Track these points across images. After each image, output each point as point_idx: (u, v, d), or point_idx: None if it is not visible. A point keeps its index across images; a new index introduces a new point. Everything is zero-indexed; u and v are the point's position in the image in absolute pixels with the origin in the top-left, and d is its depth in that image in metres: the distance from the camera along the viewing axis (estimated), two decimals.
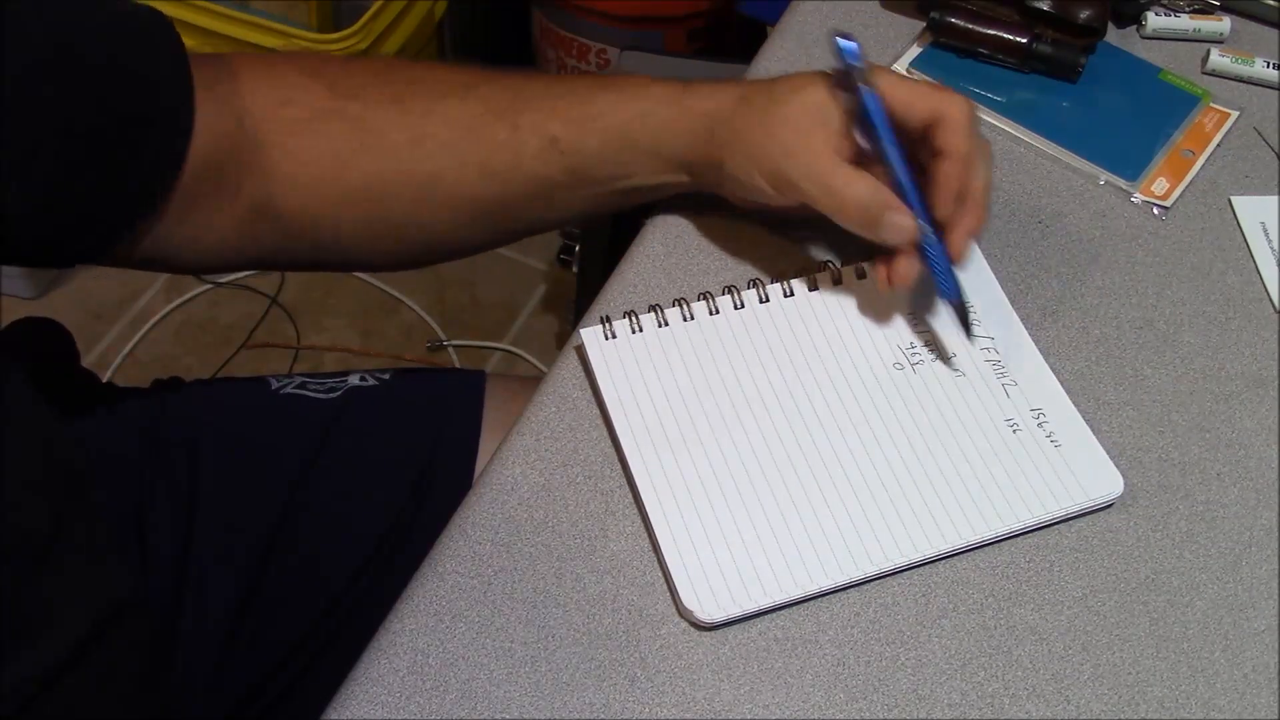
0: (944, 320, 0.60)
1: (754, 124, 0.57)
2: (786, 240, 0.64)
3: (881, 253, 0.59)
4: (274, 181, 0.57)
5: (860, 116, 0.56)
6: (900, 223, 0.56)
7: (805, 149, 0.56)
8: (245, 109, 0.56)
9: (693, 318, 0.59)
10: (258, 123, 0.56)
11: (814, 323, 0.60)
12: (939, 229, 0.57)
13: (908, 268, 0.57)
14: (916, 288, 0.59)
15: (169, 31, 0.52)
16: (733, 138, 0.57)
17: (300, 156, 0.57)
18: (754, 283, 0.61)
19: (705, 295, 0.60)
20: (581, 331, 0.59)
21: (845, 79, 0.56)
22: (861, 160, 0.57)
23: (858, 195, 0.56)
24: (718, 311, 0.60)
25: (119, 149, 0.49)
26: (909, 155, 0.57)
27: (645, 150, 0.59)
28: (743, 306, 0.60)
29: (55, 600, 0.44)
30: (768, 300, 0.60)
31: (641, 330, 0.59)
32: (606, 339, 0.58)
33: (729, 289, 0.60)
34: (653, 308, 0.59)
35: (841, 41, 0.56)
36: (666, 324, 0.59)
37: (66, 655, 0.43)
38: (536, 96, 0.59)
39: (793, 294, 0.61)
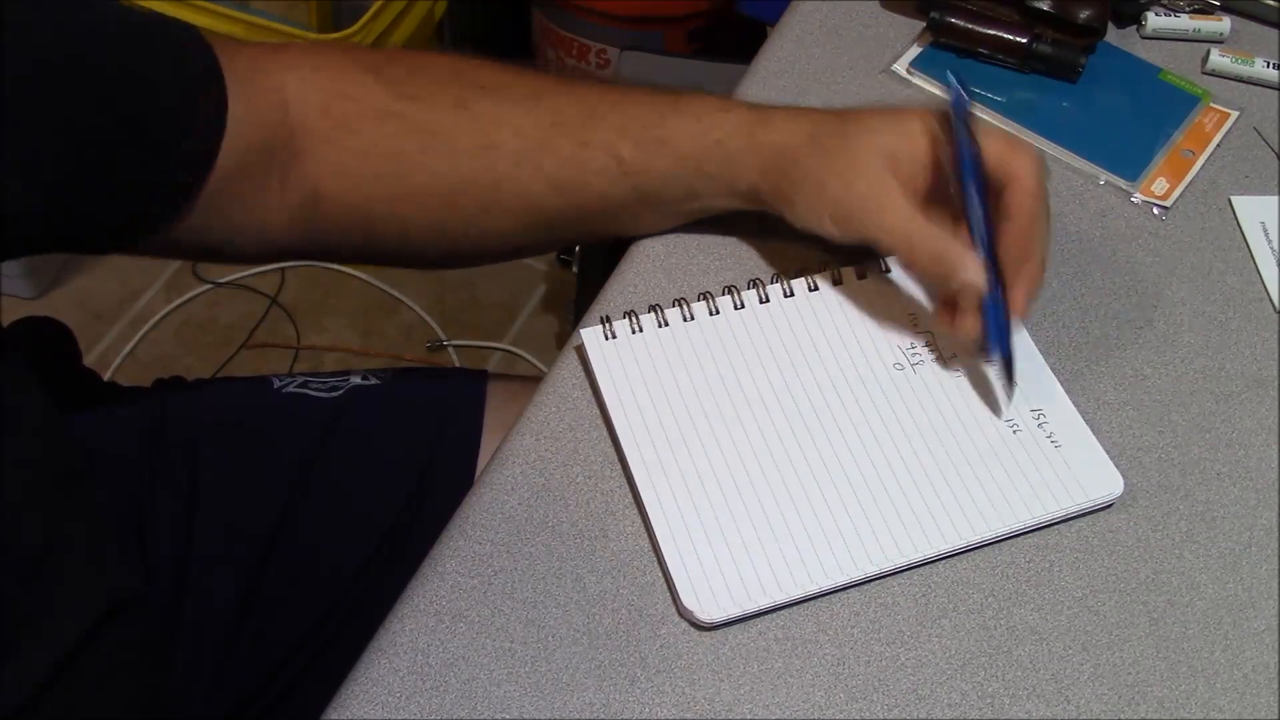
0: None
1: (825, 167, 0.57)
2: (786, 240, 0.63)
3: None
4: (330, 176, 0.57)
5: (954, 165, 0.56)
6: (974, 281, 0.55)
7: (877, 195, 0.56)
8: (291, 99, 0.55)
9: (693, 318, 0.59)
10: (312, 115, 0.56)
11: (814, 323, 0.60)
12: (1001, 284, 0.56)
13: (972, 326, 0.57)
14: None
15: (183, 33, 0.52)
16: (803, 178, 0.57)
17: (358, 152, 0.57)
18: (754, 283, 0.61)
19: (705, 295, 0.60)
20: (581, 331, 0.59)
21: (949, 124, 0.56)
22: (932, 200, 0.57)
23: (932, 250, 0.55)
24: (718, 311, 0.60)
25: (125, 149, 0.49)
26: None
27: (713, 178, 0.59)
28: (743, 306, 0.60)
29: (55, 600, 0.44)
30: (768, 300, 0.60)
31: (641, 330, 0.59)
32: (606, 339, 0.58)
33: (729, 289, 0.60)
34: (653, 308, 0.59)
35: (954, 85, 0.56)
36: (666, 324, 0.59)
37: (66, 655, 0.43)
38: (606, 113, 0.59)
39: (793, 294, 0.61)
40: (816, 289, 0.61)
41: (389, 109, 0.57)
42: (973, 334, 0.57)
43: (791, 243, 0.64)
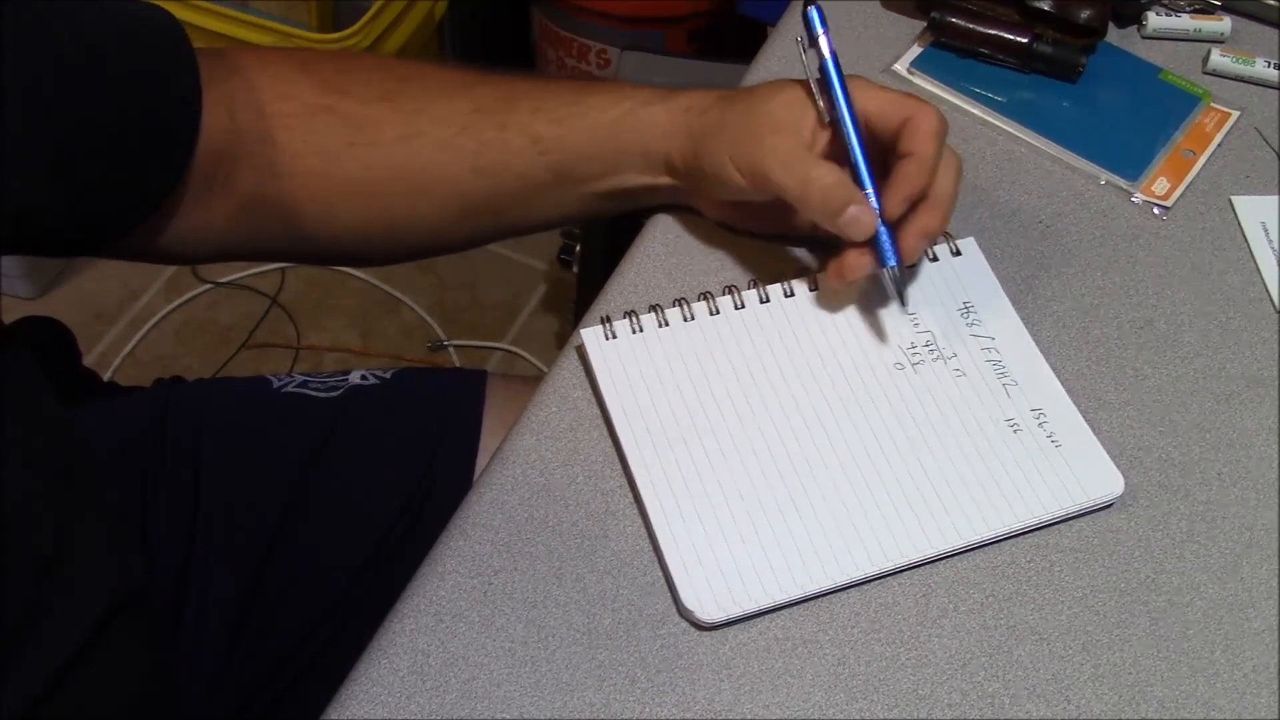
0: (944, 320, 0.60)
1: (731, 118, 0.58)
2: (786, 240, 0.64)
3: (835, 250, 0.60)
4: (267, 175, 0.57)
5: (821, 79, 0.58)
6: (862, 218, 0.56)
7: (778, 138, 0.57)
8: (238, 104, 0.56)
9: (693, 318, 0.59)
10: (251, 118, 0.57)
11: (814, 323, 0.60)
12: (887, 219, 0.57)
13: (860, 262, 0.58)
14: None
15: (179, 30, 0.53)
16: (711, 131, 0.58)
17: (292, 150, 0.58)
18: (754, 283, 0.61)
19: (705, 295, 0.60)
20: (582, 331, 0.59)
21: (809, 41, 0.58)
22: (830, 159, 0.58)
23: (824, 181, 0.56)
24: (718, 311, 0.60)
25: (131, 144, 0.49)
26: (879, 160, 0.58)
27: (627, 148, 0.60)
28: (743, 306, 0.60)
29: (60, 597, 0.44)
30: (768, 300, 0.60)
31: (642, 330, 0.59)
32: (607, 339, 0.58)
33: (729, 289, 0.60)
34: (653, 308, 0.59)
35: (810, 10, 0.58)
36: (667, 324, 0.59)
37: (72, 652, 0.43)
38: (525, 96, 0.60)
39: (793, 294, 0.61)
40: (817, 289, 0.61)
41: (319, 104, 0.58)
42: (865, 268, 0.58)
43: (791, 243, 0.64)
